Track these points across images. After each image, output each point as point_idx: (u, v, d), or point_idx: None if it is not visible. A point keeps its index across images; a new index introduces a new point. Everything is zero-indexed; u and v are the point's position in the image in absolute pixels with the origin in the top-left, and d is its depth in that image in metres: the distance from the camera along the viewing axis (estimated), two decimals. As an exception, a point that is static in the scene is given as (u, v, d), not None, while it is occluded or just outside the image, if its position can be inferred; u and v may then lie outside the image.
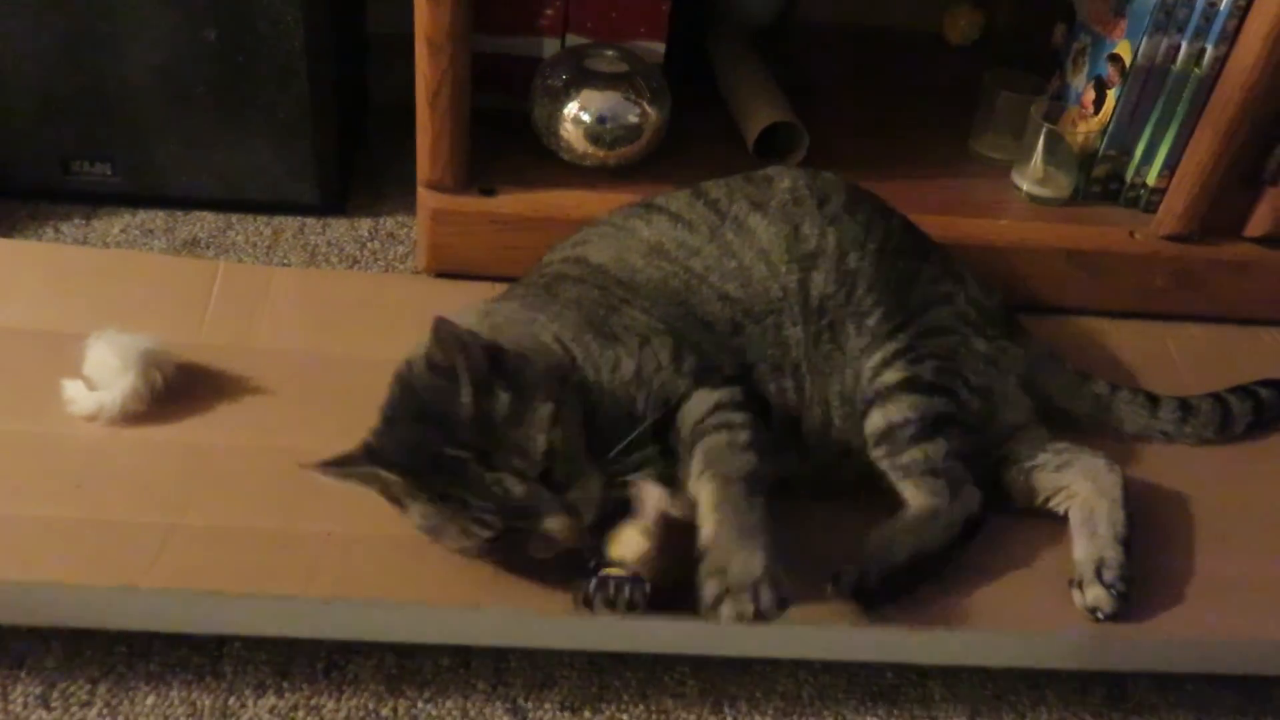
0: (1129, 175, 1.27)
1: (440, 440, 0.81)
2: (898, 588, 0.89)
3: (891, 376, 0.96)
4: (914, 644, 0.87)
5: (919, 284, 1.03)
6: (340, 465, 0.83)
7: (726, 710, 0.85)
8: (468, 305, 0.98)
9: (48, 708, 0.80)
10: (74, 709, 0.80)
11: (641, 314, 0.95)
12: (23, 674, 0.82)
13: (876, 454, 0.95)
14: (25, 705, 0.80)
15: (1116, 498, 0.96)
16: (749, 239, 1.01)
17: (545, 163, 1.23)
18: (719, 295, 0.99)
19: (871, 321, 0.99)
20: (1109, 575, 0.91)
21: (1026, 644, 0.88)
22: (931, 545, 0.91)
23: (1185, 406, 1.09)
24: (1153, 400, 1.09)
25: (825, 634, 0.87)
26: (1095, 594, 0.90)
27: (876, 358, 0.97)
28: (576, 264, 1.02)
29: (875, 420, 0.95)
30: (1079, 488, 0.97)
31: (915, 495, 0.93)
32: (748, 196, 1.04)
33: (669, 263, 1.00)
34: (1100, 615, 0.90)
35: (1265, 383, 1.13)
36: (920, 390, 0.95)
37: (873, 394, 0.96)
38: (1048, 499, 0.99)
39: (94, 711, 0.80)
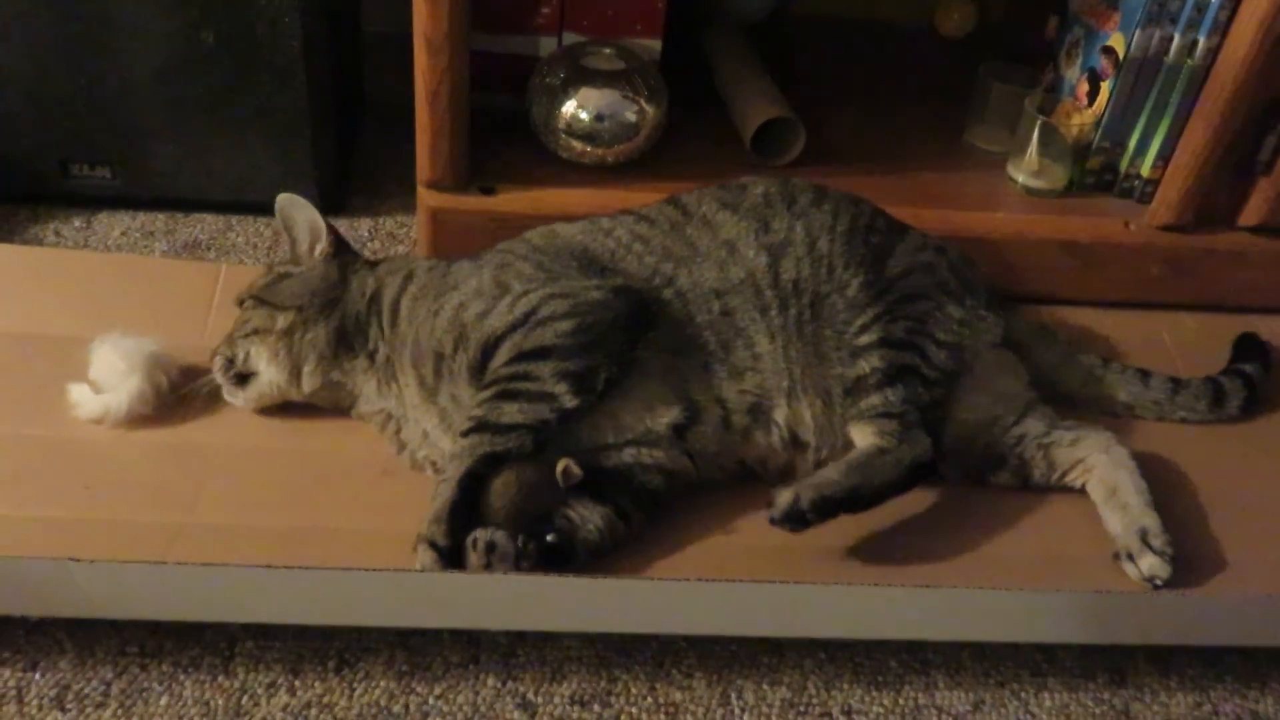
0: (1123, 166, 1.28)
1: None
2: (827, 513, 0.90)
3: (866, 338, 0.99)
4: (918, 613, 0.88)
5: (896, 255, 1.04)
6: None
7: (734, 701, 0.87)
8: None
9: (62, 708, 0.80)
10: (89, 709, 0.81)
11: (527, 265, 0.99)
12: (37, 676, 0.82)
13: (846, 407, 0.97)
14: (40, 706, 0.80)
15: (1132, 467, 0.99)
16: (712, 232, 1.03)
17: (544, 161, 1.24)
18: (639, 258, 1.01)
19: (851, 292, 1.00)
20: (1157, 542, 0.93)
21: (1031, 611, 0.89)
22: (871, 481, 0.93)
23: (1176, 381, 1.12)
24: (1144, 374, 1.12)
25: (829, 607, 0.88)
26: (1150, 562, 0.93)
27: (856, 324, 0.99)
28: (521, 242, 1.05)
29: (848, 376, 0.98)
30: (1094, 460, 1.00)
31: (865, 436, 0.96)
32: (718, 199, 1.06)
33: (609, 241, 1.03)
34: (1158, 583, 0.92)
35: (1245, 355, 1.17)
36: (890, 345, 0.98)
37: (849, 354, 0.98)
38: (1064, 473, 1.01)
39: (109, 712, 0.81)
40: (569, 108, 1.20)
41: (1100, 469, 1.00)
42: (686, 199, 1.07)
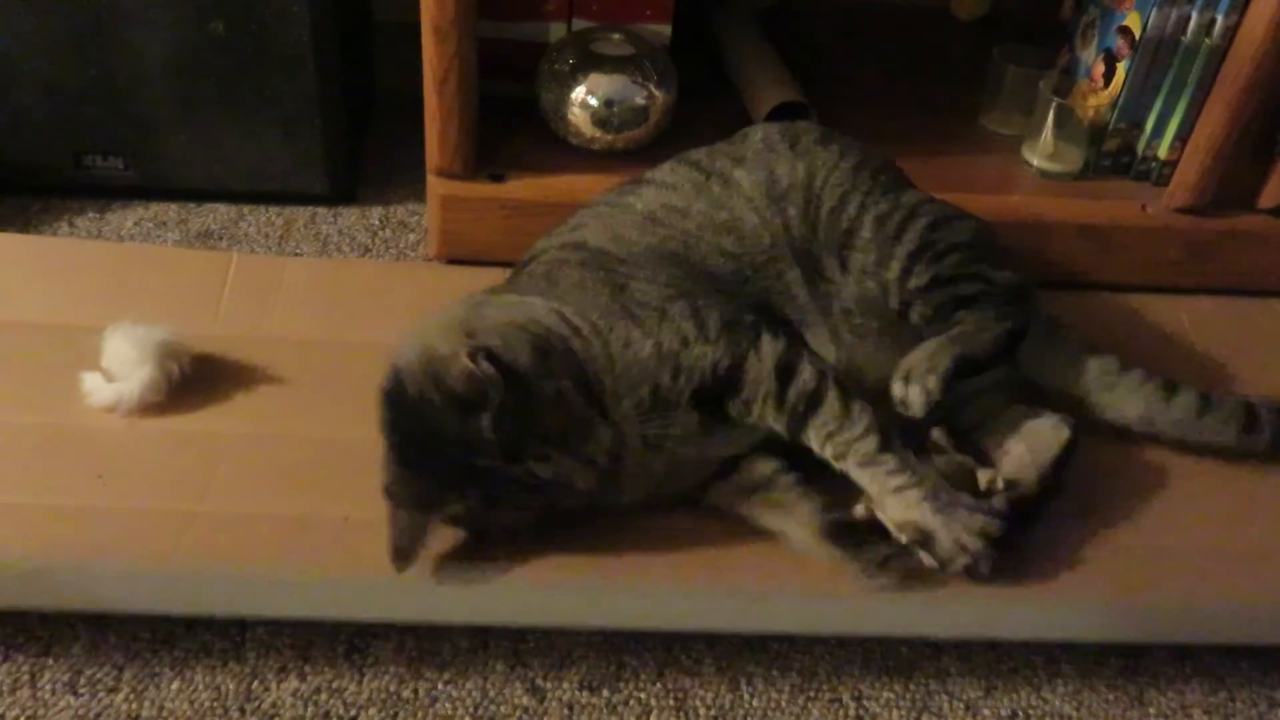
0: (1140, 148, 1.26)
1: (464, 456, 0.82)
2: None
3: (915, 281, 0.96)
4: (928, 615, 0.87)
5: (911, 190, 1.03)
6: (402, 551, 0.84)
7: (743, 687, 0.86)
8: (460, 298, 0.96)
9: (75, 693, 0.81)
10: (101, 694, 0.81)
11: (649, 284, 0.95)
12: (50, 661, 0.83)
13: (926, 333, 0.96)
14: (53, 691, 0.81)
15: (1045, 464, 0.94)
16: (734, 190, 1.01)
17: (554, 147, 1.24)
18: (719, 251, 0.98)
19: (867, 232, 0.98)
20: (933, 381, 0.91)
21: (1043, 614, 0.88)
22: (974, 351, 0.93)
23: (1205, 398, 1.01)
24: (1169, 387, 1.01)
25: (841, 609, 0.87)
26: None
27: (894, 268, 0.97)
28: (575, 249, 1.01)
29: (914, 318, 0.97)
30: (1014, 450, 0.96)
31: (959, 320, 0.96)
32: (727, 154, 1.04)
33: (663, 228, 1.00)
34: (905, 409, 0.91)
35: None
36: (946, 284, 0.96)
37: (902, 302, 0.97)
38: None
39: (120, 696, 0.81)
40: (578, 93, 1.20)
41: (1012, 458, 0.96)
42: (696, 155, 1.06)
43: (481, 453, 0.82)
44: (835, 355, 0.97)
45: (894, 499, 0.86)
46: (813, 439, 0.89)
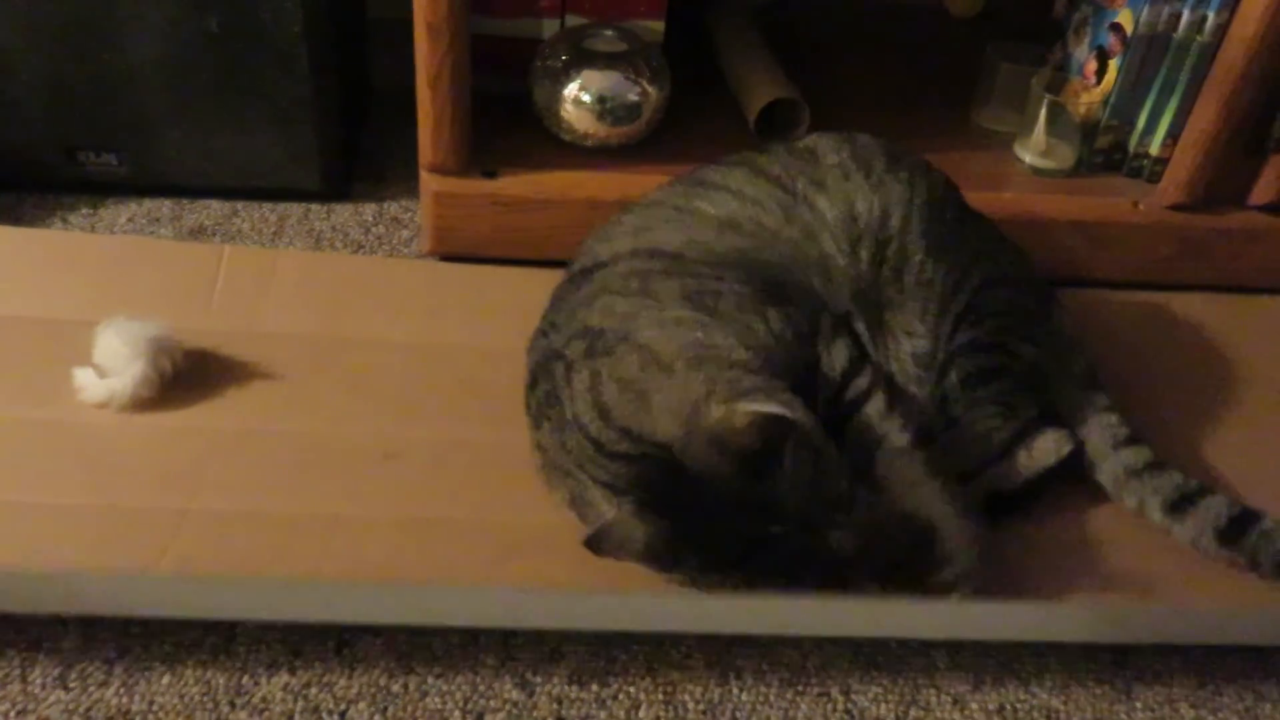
0: (1132, 145, 1.27)
1: (757, 522, 0.78)
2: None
3: (961, 338, 0.97)
4: (915, 618, 0.87)
5: (972, 225, 1.04)
6: (618, 548, 0.80)
7: (732, 682, 0.86)
8: (545, 336, 0.94)
9: (65, 688, 0.81)
10: (91, 689, 0.81)
11: (742, 286, 0.92)
12: (40, 655, 0.83)
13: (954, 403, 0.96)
14: (44, 686, 0.81)
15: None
16: (822, 222, 0.98)
17: (547, 144, 1.24)
18: (809, 287, 0.96)
19: (938, 284, 0.97)
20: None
21: (1030, 616, 0.88)
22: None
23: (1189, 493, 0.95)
24: (1157, 467, 0.97)
25: (827, 610, 0.87)
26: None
27: (948, 324, 0.97)
28: (652, 257, 0.96)
29: (950, 379, 0.96)
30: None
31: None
32: (805, 174, 1.01)
33: (745, 238, 0.97)
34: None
35: None
36: (981, 349, 0.97)
37: (945, 360, 0.97)
38: None
39: (110, 691, 0.81)
40: (571, 90, 1.20)
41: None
42: (773, 168, 1.02)
43: (776, 515, 0.77)
44: None
45: (916, 491, 0.87)
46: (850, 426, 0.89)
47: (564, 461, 0.87)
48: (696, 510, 0.79)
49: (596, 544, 0.79)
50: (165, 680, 0.82)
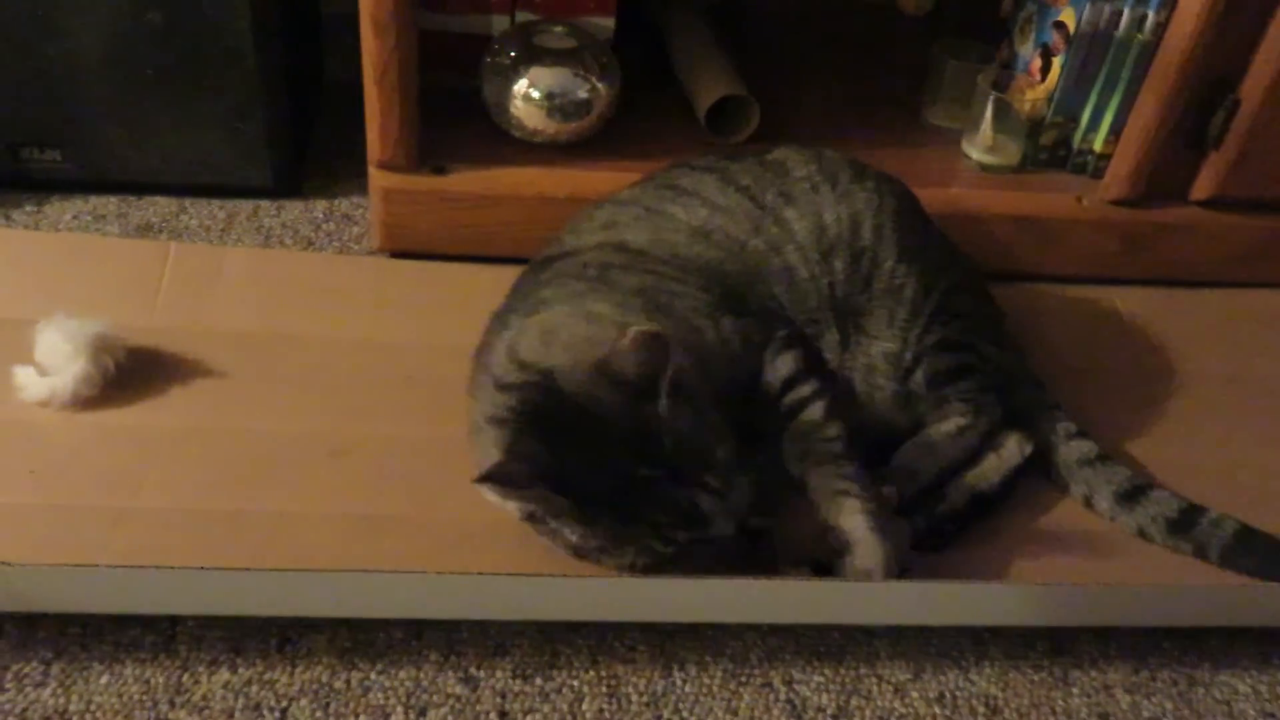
0: (1076, 141, 1.29)
1: (629, 459, 0.78)
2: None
3: (930, 339, 1.00)
4: (855, 602, 0.88)
5: (928, 232, 1.06)
6: (508, 484, 0.78)
7: (676, 673, 0.87)
8: (499, 319, 0.95)
9: (1, 689, 0.80)
10: (28, 689, 0.81)
11: (701, 292, 0.94)
12: (-24, 657, 0.82)
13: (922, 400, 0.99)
14: (-20, 687, 0.81)
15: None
16: (789, 234, 1.00)
17: (496, 140, 1.24)
18: (769, 295, 0.98)
19: (909, 290, 1.00)
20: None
21: (968, 599, 0.89)
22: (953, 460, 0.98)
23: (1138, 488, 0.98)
24: (1138, 491, 0.98)
25: (774, 596, 0.88)
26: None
27: (918, 324, 1.00)
28: (618, 250, 0.98)
29: (917, 377, 0.99)
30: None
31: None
32: (774, 187, 1.03)
33: (713, 249, 0.99)
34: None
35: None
36: (949, 348, 1.00)
37: (914, 359, 0.99)
38: None
39: (48, 691, 0.81)
40: (521, 86, 1.20)
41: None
42: (743, 179, 1.04)
43: (648, 452, 0.78)
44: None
45: (835, 501, 0.88)
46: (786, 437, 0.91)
47: (476, 416, 0.88)
48: (573, 437, 0.79)
49: (485, 479, 0.77)
50: (104, 680, 0.82)
